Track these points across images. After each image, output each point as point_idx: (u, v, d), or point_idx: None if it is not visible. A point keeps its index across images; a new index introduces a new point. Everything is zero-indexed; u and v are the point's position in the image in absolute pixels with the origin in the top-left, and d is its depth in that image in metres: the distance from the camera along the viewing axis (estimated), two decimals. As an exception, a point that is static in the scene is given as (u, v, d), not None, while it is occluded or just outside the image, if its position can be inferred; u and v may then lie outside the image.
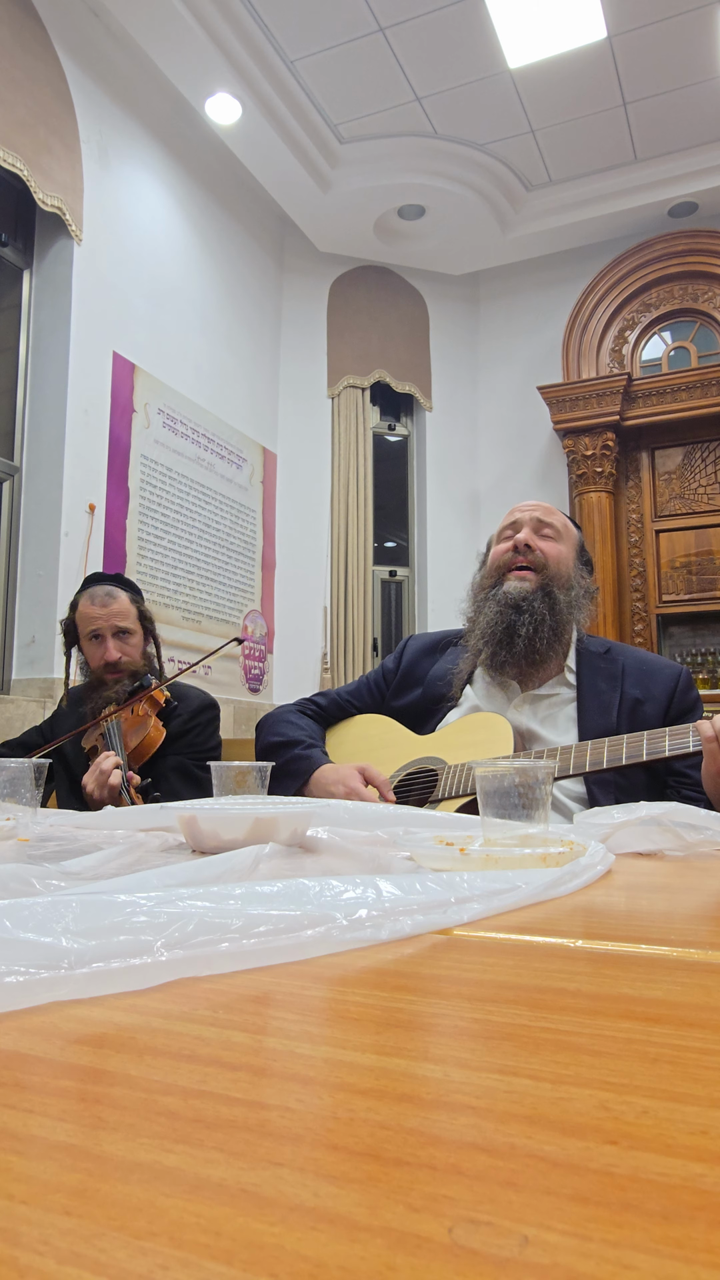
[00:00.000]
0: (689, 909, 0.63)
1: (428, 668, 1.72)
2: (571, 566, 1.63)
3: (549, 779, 0.82)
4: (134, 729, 1.87)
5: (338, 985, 0.39)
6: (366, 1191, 0.20)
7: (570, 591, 1.58)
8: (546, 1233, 0.18)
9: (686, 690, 1.52)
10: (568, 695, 1.54)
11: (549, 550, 1.60)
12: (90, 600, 1.95)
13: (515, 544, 1.61)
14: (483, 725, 1.50)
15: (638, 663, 1.56)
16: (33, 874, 0.62)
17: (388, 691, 1.76)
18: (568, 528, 1.67)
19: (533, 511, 1.65)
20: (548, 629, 1.52)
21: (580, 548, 1.69)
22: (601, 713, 1.47)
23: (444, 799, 1.44)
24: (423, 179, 4.97)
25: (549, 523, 1.63)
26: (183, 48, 4.05)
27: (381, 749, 1.64)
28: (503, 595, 1.56)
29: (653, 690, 1.50)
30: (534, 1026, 0.33)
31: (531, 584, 1.57)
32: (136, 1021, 0.33)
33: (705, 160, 4.95)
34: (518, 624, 1.51)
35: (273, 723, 1.72)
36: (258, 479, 5.22)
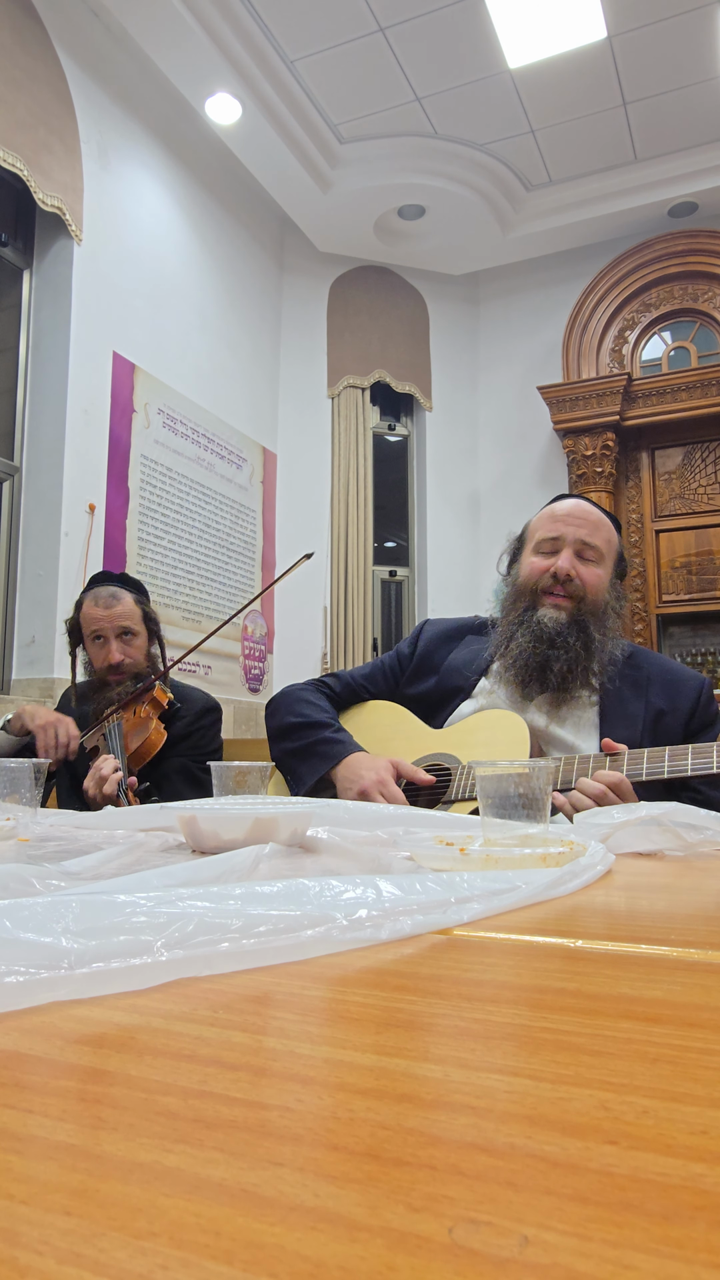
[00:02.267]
0: (689, 909, 0.63)
1: (444, 656, 1.66)
2: (608, 589, 1.54)
3: (550, 779, 0.82)
4: (135, 730, 1.86)
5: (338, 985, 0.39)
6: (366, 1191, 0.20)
7: (605, 622, 1.51)
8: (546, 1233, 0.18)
9: (709, 704, 1.49)
10: (592, 699, 1.50)
11: (589, 578, 1.52)
12: (94, 601, 1.94)
13: (555, 571, 1.51)
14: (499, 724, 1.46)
15: (663, 672, 1.52)
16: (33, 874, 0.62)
17: (402, 678, 1.70)
18: (611, 543, 1.57)
19: (578, 530, 1.53)
20: (580, 667, 1.47)
21: (620, 557, 1.60)
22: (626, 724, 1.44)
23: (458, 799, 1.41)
24: (423, 179, 4.97)
25: (593, 544, 1.53)
26: (183, 48, 4.05)
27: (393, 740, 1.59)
28: (536, 625, 1.49)
29: (677, 702, 1.47)
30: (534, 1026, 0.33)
31: (567, 614, 1.49)
32: (136, 1021, 0.33)
33: (705, 160, 4.95)
34: (551, 659, 1.46)
35: (291, 701, 1.64)
36: (258, 479, 5.22)
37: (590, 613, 1.51)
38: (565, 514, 1.56)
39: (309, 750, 1.53)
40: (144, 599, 2.02)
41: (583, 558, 1.53)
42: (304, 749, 1.53)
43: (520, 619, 1.53)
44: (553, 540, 1.55)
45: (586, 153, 4.97)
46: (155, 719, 1.88)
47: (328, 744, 1.51)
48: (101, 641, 1.93)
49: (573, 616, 1.50)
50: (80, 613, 1.97)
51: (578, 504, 1.59)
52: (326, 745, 1.51)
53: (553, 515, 1.58)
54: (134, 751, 1.82)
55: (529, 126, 4.75)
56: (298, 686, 1.71)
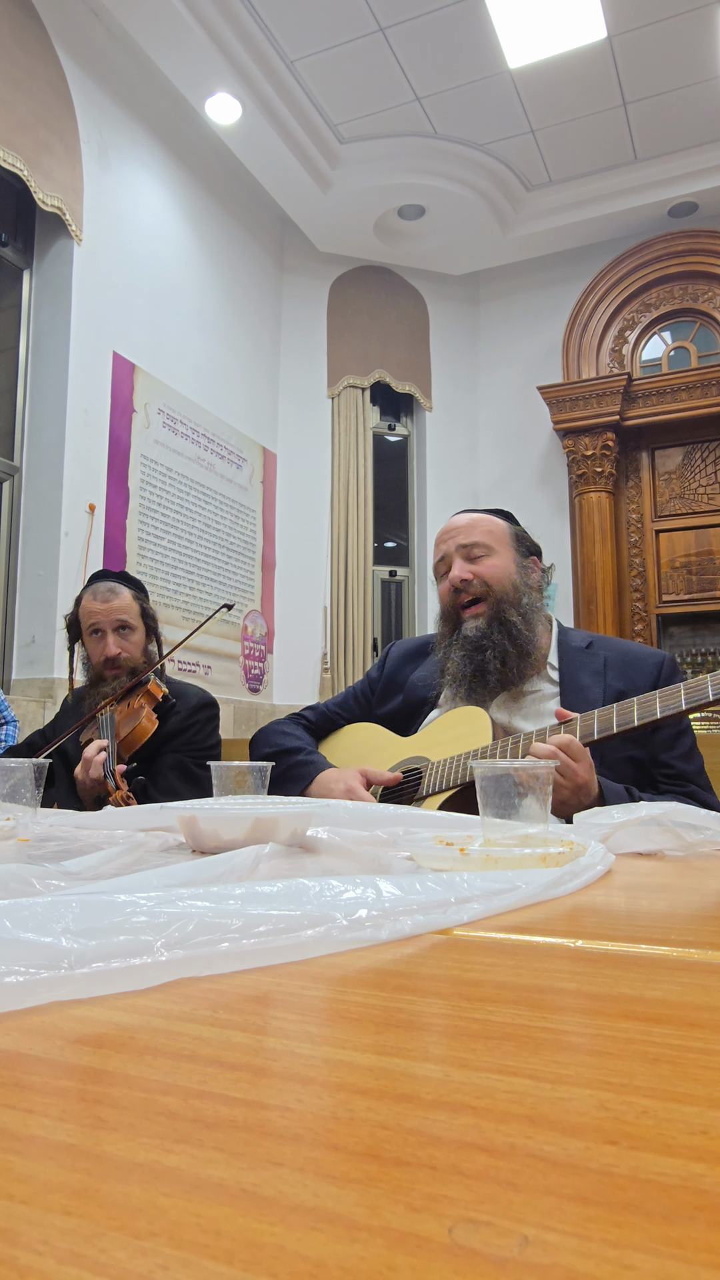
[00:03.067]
0: (689, 909, 0.63)
1: (409, 674, 1.73)
2: (514, 570, 1.59)
3: (550, 779, 0.82)
4: (126, 719, 1.87)
5: (338, 985, 0.39)
6: (366, 1191, 0.20)
7: (521, 602, 1.55)
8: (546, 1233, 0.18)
9: (671, 675, 1.51)
10: (549, 691, 1.54)
11: (485, 571, 1.57)
12: (93, 596, 1.96)
13: (452, 582, 1.58)
14: (462, 719, 1.51)
15: (620, 654, 1.55)
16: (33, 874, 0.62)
17: (373, 699, 1.78)
18: (494, 532, 1.61)
19: (454, 538, 1.61)
20: (514, 656, 1.51)
21: (517, 538, 1.64)
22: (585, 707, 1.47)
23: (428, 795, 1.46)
24: (423, 179, 4.97)
25: (473, 542, 1.59)
26: (183, 48, 4.05)
27: (369, 755, 1.66)
28: (463, 640, 1.55)
29: (636, 680, 1.50)
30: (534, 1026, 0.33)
31: (485, 616, 1.54)
32: (136, 1021, 0.33)
33: (705, 160, 4.95)
34: (485, 662, 1.51)
35: (268, 735, 1.75)
36: (258, 479, 5.22)
37: (503, 600, 1.55)
38: (441, 534, 1.66)
39: (283, 776, 1.61)
40: (142, 596, 2.03)
41: (471, 558, 1.59)
42: (279, 776, 1.61)
43: (451, 640, 1.59)
44: (441, 560, 1.63)
45: (586, 153, 4.97)
46: (147, 708, 1.89)
47: (299, 767, 1.60)
48: (99, 635, 1.94)
49: (490, 616, 1.55)
50: (79, 608, 1.99)
51: (451, 520, 1.67)
52: (298, 768, 1.59)
53: (436, 542, 1.68)
54: (124, 738, 1.83)
55: (529, 126, 4.75)
56: (276, 722, 1.81)
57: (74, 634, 2.02)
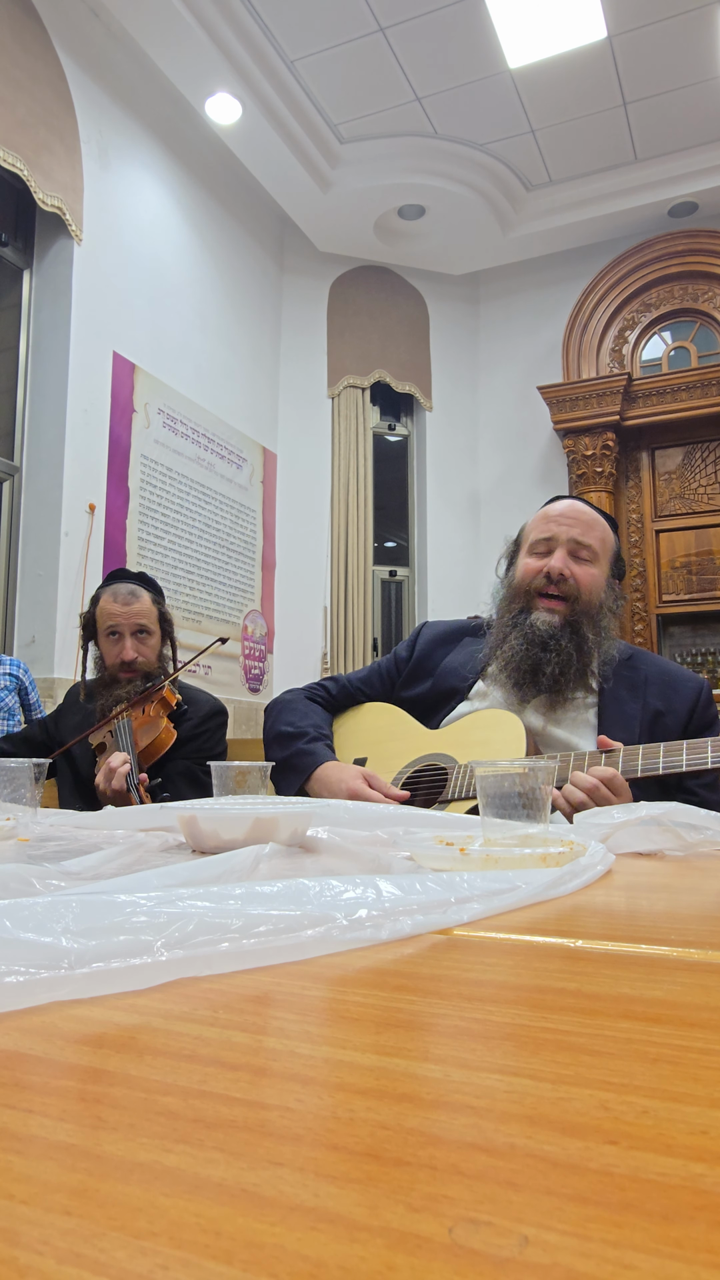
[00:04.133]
0: (689, 909, 0.63)
1: (440, 659, 1.66)
2: (603, 587, 1.53)
3: (550, 779, 0.82)
4: (144, 728, 1.86)
5: (338, 985, 0.39)
6: (366, 1191, 0.20)
7: (600, 621, 1.50)
8: (546, 1233, 0.18)
9: (707, 706, 1.48)
10: (589, 700, 1.50)
11: (583, 578, 1.50)
12: (113, 597, 1.94)
13: (548, 571, 1.50)
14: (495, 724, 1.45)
15: (660, 673, 1.52)
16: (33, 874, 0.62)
17: (398, 680, 1.70)
18: (605, 542, 1.55)
19: (571, 529, 1.52)
20: (574, 669, 1.46)
21: (616, 557, 1.58)
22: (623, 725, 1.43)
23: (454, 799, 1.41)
24: (423, 179, 4.97)
25: (587, 543, 1.51)
26: (183, 48, 4.05)
27: (390, 741, 1.59)
28: (529, 628, 1.48)
29: (674, 703, 1.47)
30: (534, 1026, 0.33)
31: (560, 617, 1.48)
32: (136, 1021, 0.33)
33: (705, 160, 4.95)
34: (543, 662, 1.45)
35: (281, 708, 1.66)
36: (258, 479, 5.22)
37: (584, 613, 1.50)
38: (559, 514, 1.56)
39: (286, 763, 1.54)
40: (160, 599, 2.02)
41: (577, 557, 1.52)
42: (284, 761, 1.55)
43: (514, 621, 1.52)
44: (546, 540, 1.54)
45: (586, 153, 4.97)
46: (165, 719, 1.88)
47: (300, 755, 1.52)
48: (117, 638, 1.93)
49: (566, 619, 1.49)
50: (97, 607, 1.97)
51: (572, 504, 1.59)
52: (299, 757, 1.52)
53: (546, 516, 1.58)
54: (144, 749, 1.82)
55: (529, 126, 4.75)
56: (293, 692, 1.72)
57: (89, 633, 2.00)
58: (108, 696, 1.93)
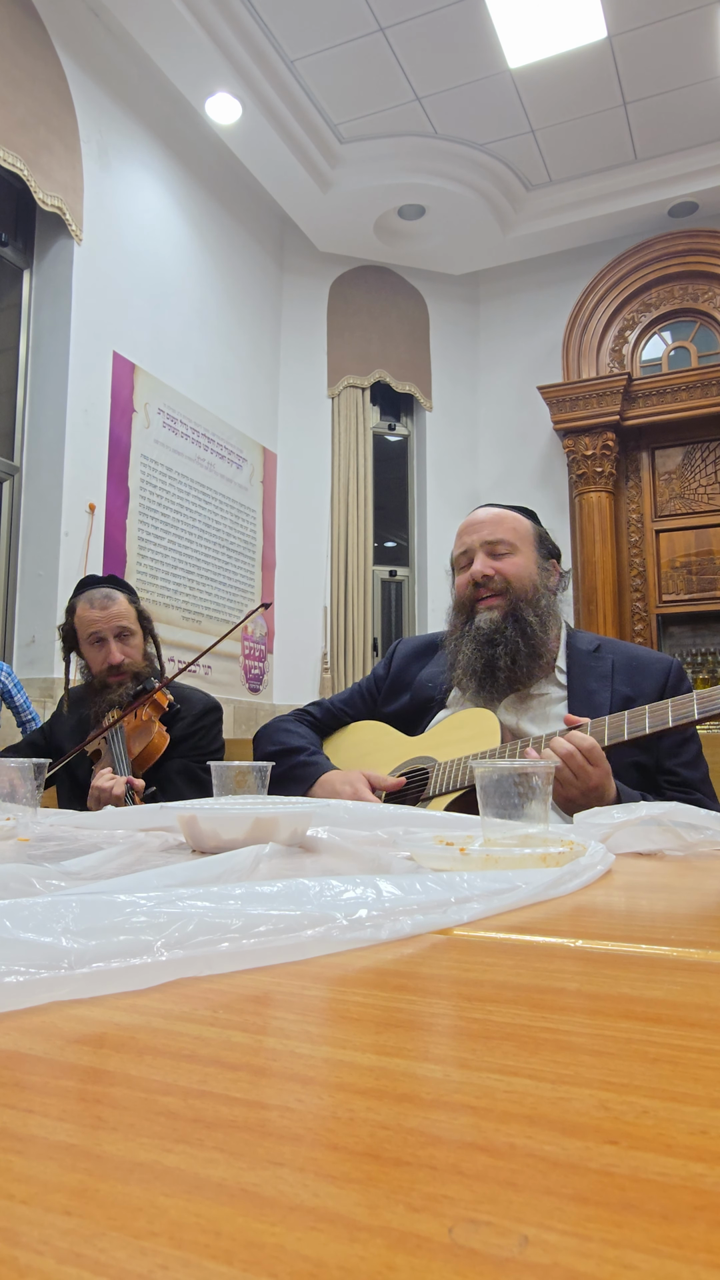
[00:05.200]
0: (689, 909, 0.63)
1: (416, 672, 1.72)
2: (535, 571, 1.58)
3: (549, 779, 0.82)
4: (137, 733, 1.85)
5: (338, 985, 0.39)
6: (366, 1191, 0.20)
7: (540, 603, 1.55)
8: (546, 1233, 0.18)
9: (679, 682, 1.51)
10: (557, 694, 1.54)
11: (507, 569, 1.57)
12: (89, 604, 1.93)
13: (473, 577, 1.58)
14: (470, 721, 1.51)
15: (627, 659, 1.55)
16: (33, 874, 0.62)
17: (379, 697, 1.76)
18: (519, 530, 1.61)
19: (479, 532, 1.60)
20: (525, 655, 1.51)
21: (540, 539, 1.64)
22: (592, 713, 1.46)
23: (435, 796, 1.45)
24: (423, 179, 4.98)
25: (499, 539, 1.59)
26: (183, 48, 4.05)
27: (375, 753, 1.65)
28: (475, 631, 1.55)
29: (643, 686, 1.49)
30: (534, 1026, 0.33)
31: (500, 610, 1.54)
32: (136, 1021, 0.33)
33: (705, 160, 4.95)
34: (495, 657, 1.51)
35: (271, 732, 1.73)
36: (258, 479, 5.22)
37: (519, 599, 1.55)
38: (465, 525, 1.65)
39: (285, 776, 1.59)
40: (135, 599, 2.02)
41: (494, 554, 1.59)
42: (281, 775, 1.60)
43: (462, 632, 1.59)
44: (464, 554, 1.63)
45: (586, 153, 4.97)
46: (157, 721, 1.88)
47: (302, 767, 1.58)
48: (101, 643, 1.92)
49: (506, 611, 1.54)
50: (74, 616, 1.96)
51: (477, 511, 1.67)
52: (301, 769, 1.58)
53: (459, 532, 1.67)
54: (138, 755, 1.82)
55: (529, 126, 4.75)
56: (280, 718, 1.79)
57: (70, 644, 1.99)
58: (100, 702, 1.92)
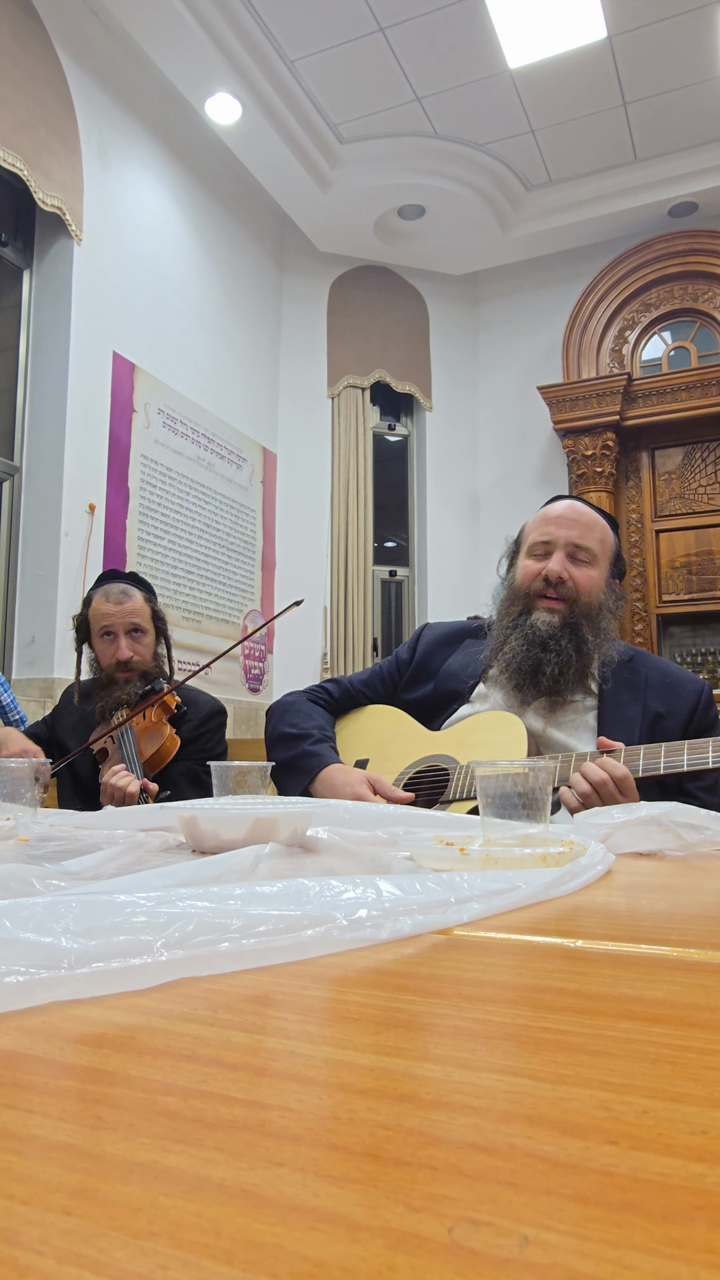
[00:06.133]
0: (689, 909, 0.63)
1: (442, 661, 1.66)
2: (604, 588, 1.53)
3: (550, 779, 0.82)
4: (148, 735, 1.85)
5: (338, 985, 0.39)
6: (366, 1191, 0.20)
7: (599, 623, 1.50)
8: (546, 1233, 0.18)
9: (708, 708, 1.48)
10: (588, 704, 1.50)
11: (581, 580, 1.51)
12: (105, 597, 1.94)
13: (546, 574, 1.51)
14: (497, 725, 1.46)
15: (661, 675, 1.51)
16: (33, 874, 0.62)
17: (400, 682, 1.70)
18: (605, 543, 1.56)
19: (569, 531, 1.53)
20: (573, 670, 1.46)
21: (616, 557, 1.59)
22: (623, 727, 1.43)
23: (455, 799, 1.41)
24: (423, 179, 4.97)
25: (586, 545, 1.52)
26: (183, 48, 4.05)
27: (392, 742, 1.59)
28: (529, 629, 1.49)
29: (674, 705, 1.47)
30: (534, 1026, 0.33)
31: (560, 617, 1.49)
32: (136, 1021, 0.33)
33: (705, 160, 4.95)
34: (543, 662, 1.46)
35: (284, 710, 1.66)
36: (258, 479, 5.22)
37: (583, 614, 1.50)
38: (557, 516, 1.56)
39: (291, 764, 1.54)
40: (152, 598, 2.02)
41: (575, 559, 1.53)
42: (287, 762, 1.55)
43: (514, 623, 1.53)
44: (545, 543, 1.55)
45: (586, 153, 4.97)
46: (168, 724, 1.88)
47: (306, 757, 1.52)
48: (111, 638, 1.93)
49: (565, 619, 1.49)
50: (89, 608, 1.97)
51: (571, 505, 1.59)
52: (304, 759, 1.52)
53: (545, 518, 1.58)
54: (148, 758, 1.82)
55: (529, 126, 4.75)
56: (295, 694, 1.72)
57: (83, 635, 2.00)
58: (106, 698, 1.92)
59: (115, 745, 1.84)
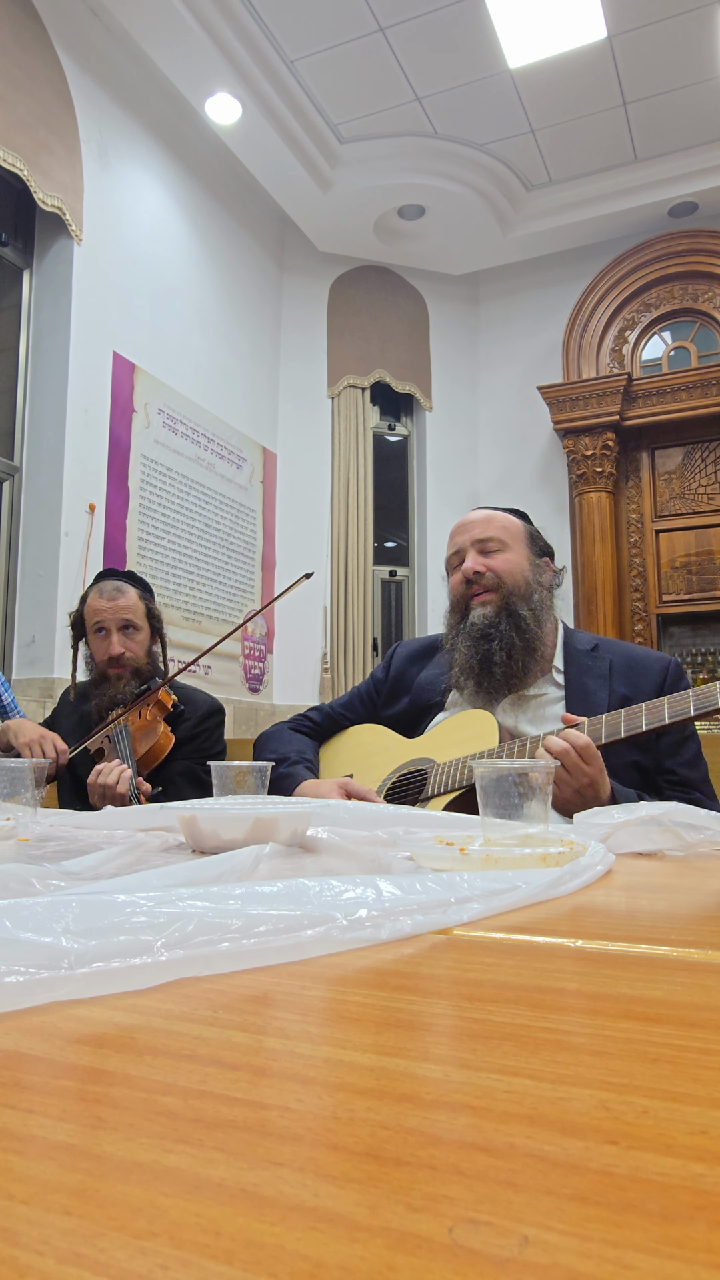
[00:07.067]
0: (689, 909, 0.63)
1: (415, 675, 1.73)
2: (527, 567, 1.60)
3: (549, 779, 0.82)
4: (143, 733, 1.85)
5: (338, 985, 0.39)
6: (366, 1191, 0.20)
7: (532, 598, 1.56)
8: (546, 1233, 0.18)
9: (677, 681, 1.50)
10: (555, 695, 1.54)
11: (498, 565, 1.58)
12: (99, 594, 1.96)
13: (464, 574, 1.60)
14: (469, 722, 1.51)
15: (625, 659, 1.55)
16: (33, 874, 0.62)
17: (379, 701, 1.77)
18: (509, 529, 1.63)
19: (469, 532, 1.62)
20: (520, 650, 1.51)
21: (531, 537, 1.65)
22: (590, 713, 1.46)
23: (433, 796, 1.46)
24: (423, 179, 4.97)
25: (489, 536, 1.61)
26: (183, 48, 4.05)
27: (374, 755, 1.66)
28: (470, 628, 1.56)
29: (641, 685, 1.49)
30: (534, 1026, 0.33)
31: (493, 606, 1.55)
32: (136, 1021, 0.33)
33: (705, 160, 4.95)
34: (491, 653, 1.51)
35: (267, 740, 1.75)
36: (258, 479, 5.22)
37: (513, 594, 1.56)
38: (456, 528, 1.67)
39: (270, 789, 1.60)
40: (148, 596, 2.02)
41: (485, 551, 1.60)
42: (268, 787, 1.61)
43: (458, 630, 1.60)
44: (456, 554, 1.64)
45: (586, 153, 4.97)
46: (162, 722, 1.88)
47: (281, 779, 1.60)
48: (104, 634, 1.93)
49: (499, 606, 1.55)
50: (84, 606, 1.98)
51: (468, 515, 1.69)
52: (280, 780, 1.60)
53: (450, 535, 1.69)
54: (143, 756, 1.82)
55: (529, 126, 4.75)
56: (279, 725, 1.81)
57: (78, 632, 2.01)
58: (101, 695, 1.93)
59: (111, 745, 1.84)
